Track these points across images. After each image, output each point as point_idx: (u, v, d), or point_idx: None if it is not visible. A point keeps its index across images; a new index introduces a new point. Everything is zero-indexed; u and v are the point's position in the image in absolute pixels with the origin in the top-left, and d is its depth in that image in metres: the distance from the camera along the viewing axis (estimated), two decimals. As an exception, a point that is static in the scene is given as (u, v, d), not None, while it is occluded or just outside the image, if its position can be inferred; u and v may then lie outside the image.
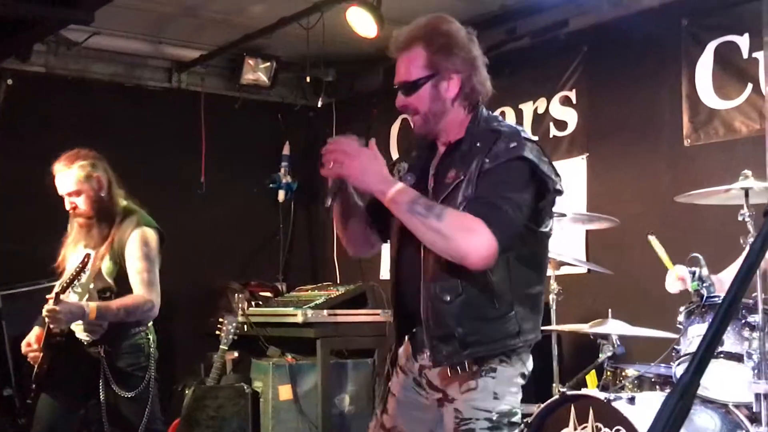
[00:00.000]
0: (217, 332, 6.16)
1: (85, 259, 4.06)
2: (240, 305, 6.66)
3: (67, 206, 4.27)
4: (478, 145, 2.66)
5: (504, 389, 2.65)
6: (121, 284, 4.18)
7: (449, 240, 2.51)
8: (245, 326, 6.38)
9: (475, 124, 2.72)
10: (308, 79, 6.82)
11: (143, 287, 4.14)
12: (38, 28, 5.93)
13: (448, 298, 2.63)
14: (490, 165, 2.60)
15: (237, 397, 6.10)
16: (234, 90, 7.35)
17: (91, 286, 4.21)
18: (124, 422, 4.28)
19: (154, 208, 6.99)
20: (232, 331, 6.12)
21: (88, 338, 4.25)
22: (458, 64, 2.71)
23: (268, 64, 7.19)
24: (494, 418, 2.63)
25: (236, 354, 6.65)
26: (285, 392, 6.28)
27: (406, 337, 2.88)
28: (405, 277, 2.79)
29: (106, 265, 4.19)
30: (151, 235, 4.25)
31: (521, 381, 2.73)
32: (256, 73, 7.18)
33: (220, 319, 6.20)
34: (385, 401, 2.93)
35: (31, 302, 6.15)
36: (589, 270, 5.47)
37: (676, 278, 3.76)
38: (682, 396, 1.10)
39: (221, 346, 6.12)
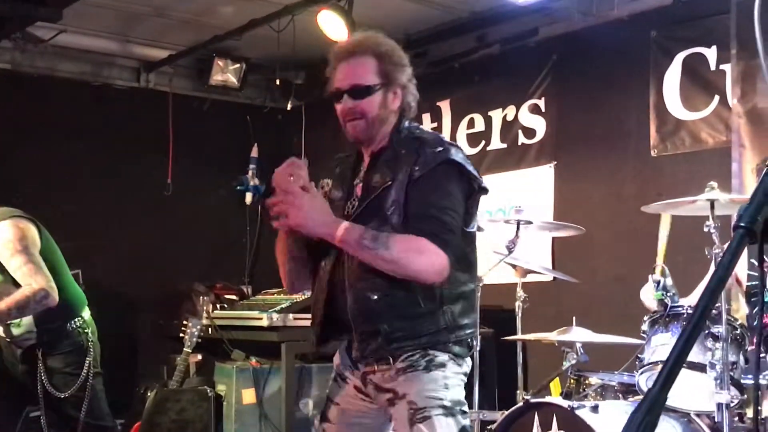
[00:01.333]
0: (181, 335, 6.10)
1: None
2: (205, 308, 6.59)
3: None
4: (403, 152, 2.76)
5: (453, 382, 2.74)
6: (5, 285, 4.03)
7: (403, 266, 2.63)
8: (209, 329, 6.32)
9: (398, 133, 2.81)
10: (278, 82, 6.80)
11: (29, 278, 3.92)
12: (4, 25, 5.86)
13: (375, 297, 2.71)
14: (420, 173, 2.69)
15: (200, 401, 6.04)
16: (202, 91, 7.30)
17: None
18: (68, 422, 4.20)
19: (119, 208, 7.03)
20: (196, 333, 6.05)
21: (22, 347, 4.17)
22: (404, 79, 2.83)
23: (238, 65, 7.15)
24: (447, 405, 2.70)
25: (200, 357, 6.59)
26: (248, 396, 6.24)
27: (342, 346, 2.94)
28: (331, 283, 2.84)
29: None
30: (7, 228, 4.00)
31: (464, 380, 2.82)
32: (225, 74, 7.13)
33: (184, 322, 6.13)
34: (325, 411, 2.97)
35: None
36: (554, 278, 5.50)
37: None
38: (650, 411, 1.09)
39: (185, 349, 6.05)
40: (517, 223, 4.32)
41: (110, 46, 6.91)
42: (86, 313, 4.28)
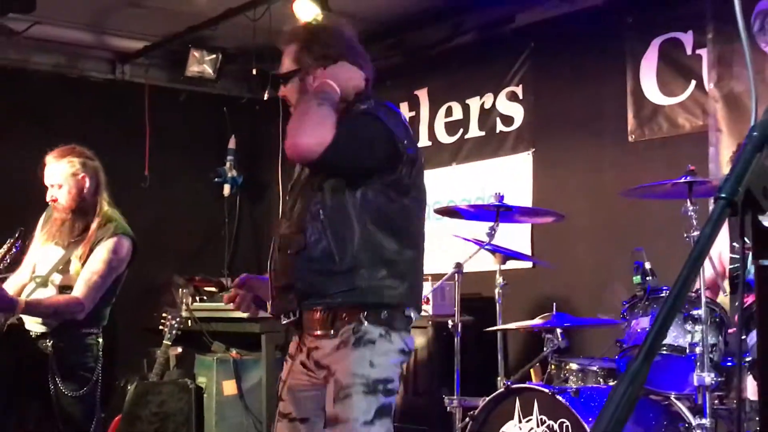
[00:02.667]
0: (161, 327, 6.07)
1: (16, 239, 4.05)
2: (184, 300, 6.57)
3: (48, 197, 4.23)
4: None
5: (381, 360, 2.71)
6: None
7: (304, 118, 2.68)
8: (189, 321, 6.30)
9: (348, 113, 2.80)
10: (254, 72, 6.75)
11: (84, 287, 4.06)
12: (-23, 16, 5.80)
13: (291, 252, 2.75)
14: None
15: (180, 393, 6.00)
16: (179, 82, 7.25)
17: (56, 279, 4.16)
18: (65, 420, 4.19)
19: (96, 201, 6.96)
20: (175, 326, 6.02)
21: (39, 330, 4.17)
22: (319, 58, 2.84)
23: (214, 56, 7.09)
24: (370, 383, 2.69)
25: (180, 349, 6.56)
26: (229, 387, 6.23)
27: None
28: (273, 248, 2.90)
29: (76, 266, 4.13)
30: (125, 244, 4.21)
31: (401, 358, 2.78)
32: (201, 65, 7.08)
33: (164, 314, 6.11)
34: (279, 391, 2.98)
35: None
36: (534, 264, 5.51)
37: None
38: (632, 382, 1.09)
39: (164, 341, 6.01)
40: (497, 210, 4.32)
41: (85, 38, 6.83)
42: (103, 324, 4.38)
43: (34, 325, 4.17)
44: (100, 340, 4.33)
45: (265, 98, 7.30)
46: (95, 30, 6.81)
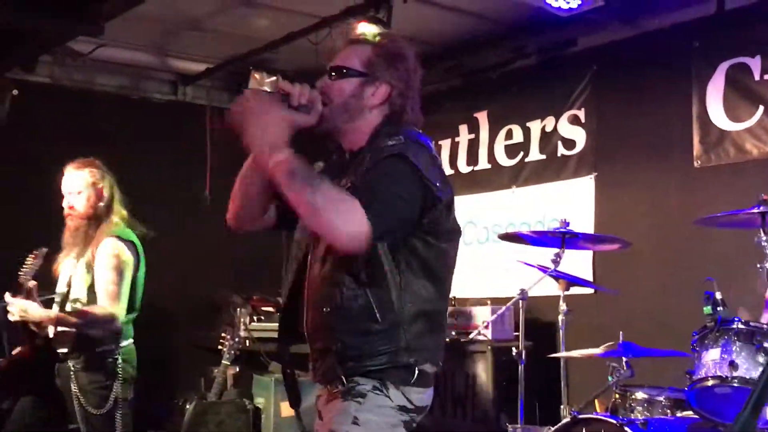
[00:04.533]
0: (219, 347, 6.10)
1: (33, 255, 4.15)
2: (242, 320, 6.60)
3: (65, 204, 4.34)
4: (369, 156, 2.52)
5: (368, 417, 2.43)
6: (92, 294, 4.20)
7: (321, 211, 2.28)
8: (247, 341, 6.32)
9: (377, 136, 2.56)
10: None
11: (108, 299, 4.13)
12: (46, 39, 5.89)
13: (327, 310, 2.47)
14: (370, 164, 2.46)
15: (238, 413, 6.04)
16: (239, 103, 7.30)
17: (67, 292, 4.24)
18: None
19: (158, 220, 7.00)
20: (234, 346, 6.06)
21: (62, 350, 4.25)
22: (394, 78, 2.58)
23: (274, 78, 7.13)
24: None
25: (237, 369, 6.59)
26: (287, 408, 6.22)
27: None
28: (293, 293, 2.65)
29: (82, 275, 4.21)
30: (122, 246, 4.26)
31: (400, 416, 2.48)
32: (261, 87, 7.12)
33: (223, 334, 6.14)
34: None
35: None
36: (595, 290, 5.44)
37: None
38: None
39: (223, 361, 6.05)
40: (563, 236, 4.28)
41: (148, 60, 6.94)
42: (127, 341, 4.31)
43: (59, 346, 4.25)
44: (122, 357, 4.25)
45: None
46: (158, 52, 6.91)
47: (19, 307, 4.13)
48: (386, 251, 2.44)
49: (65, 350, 4.23)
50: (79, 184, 4.33)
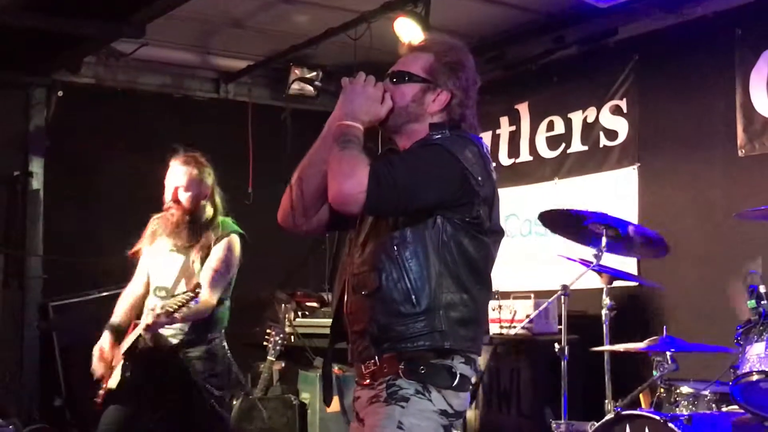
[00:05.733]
0: (265, 343, 6.15)
1: (195, 291, 4.06)
2: (286, 316, 6.64)
3: (168, 197, 4.36)
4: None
5: (412, 422, 2.45)
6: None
7: (333, 165, 2.46)
8: (292, 337, 6.36)
9: (427, 135, 2.62)
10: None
11: (208, 286, 4.18)
12: (90, 43, 5.98)
13: (365, 293, 2.54)
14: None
15: (284, 409, 6.08)
16: (281, 100, 7.34)
17: (183, 288, 4.25)
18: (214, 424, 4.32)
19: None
20: (279, 342, 6.10)
21: (172, 342, 4.28)
22: (455, 87, 2.65)
23: (314, 73, 7.16)
24: None
25: (282, 364, 6.64)
26: (333, 404, 6.24)
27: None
28: (340, 280, 2.72)
29: (197, 268, 4.28)
30: (237, 242, 4.42)
31: (442, 420, 2.50)
32: (301, 82, 7.16)
33: (268, 330, 6.18)
34: None
35: (80, 313, 6.23)
36: (639, 284, 5.39)
37: None
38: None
39: (269, 357, 6.09)
40: (605, 231, 4.24)
41: (190, 58, 7.01)
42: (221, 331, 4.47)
43: (168, 337, 4.27)
44: (224, 343, 4.43)
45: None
46: (200, 50, 6.97)
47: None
48: (432, 239, 2.50)
49: (175, 342, 4.26)
50: (186, 178, 4.37)
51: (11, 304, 6.21)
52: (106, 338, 4.29)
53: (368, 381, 2.57)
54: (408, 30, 5.64)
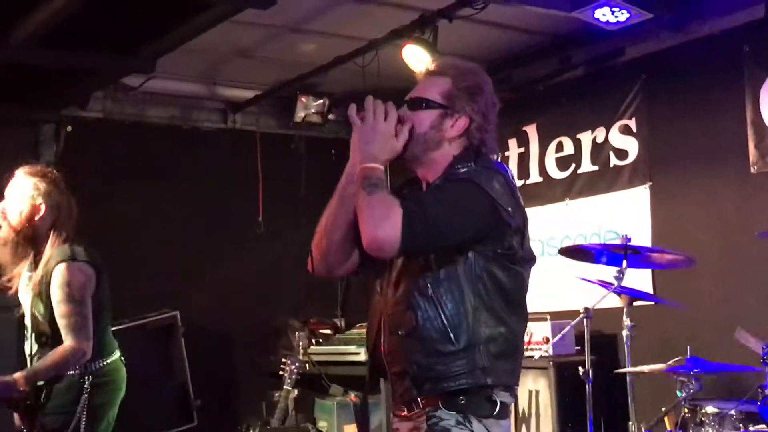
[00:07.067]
0: (281, 372, 6.13)
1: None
2: (300, 343, 6.63)
3: None
4: (442, 179, 2.60)
5: None
6: (55, 325, 3.80)
7: (364, 210, 2.43)
8: (307, 365, 6.34)
9: (454, 168, 2.60)
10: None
11: (71, 333, 3.73)
12: (100, 77, 6.00)
13: (402, 333, 2.51)
14: (436, 183, 2.57)
15: (302, 438, 6.07)
16: (288, 128, 7.36)
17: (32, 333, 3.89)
18: None
19: (213, 248, 7.11)
20: (295, 370, 6.08)
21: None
22: (473, 111, 2.61)
23: (321, 101, 7.19)
24: None
25: (296, 392, 6.62)
26: (351, 431, 6.24)
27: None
28: (372, 319, 2.68)
29: (39, 308, 3.84)
30: (73, 271, 3.78)
31: None
32: (308, 110, 7.19)
33: (283, 359, 6.17)
34: None
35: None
36: (655, 303, 5.38)
37: None
38: None
39: (285, 386, 6.07)
40: (625, 251, 4.24)
41: (197, 90, 7.03)
42: (106, 360, 3.94)
43: None
44: (85, 381, 3.83)
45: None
46: (207, 81, 7.00)
47: None
48: (465, 274, 2.48)
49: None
50: (16, 192, 3.88)
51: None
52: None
53: (406, 413, 2.56)
54: (416, 56, 5.66)
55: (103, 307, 3.93)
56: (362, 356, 5.98)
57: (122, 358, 4.05)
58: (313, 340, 6.86)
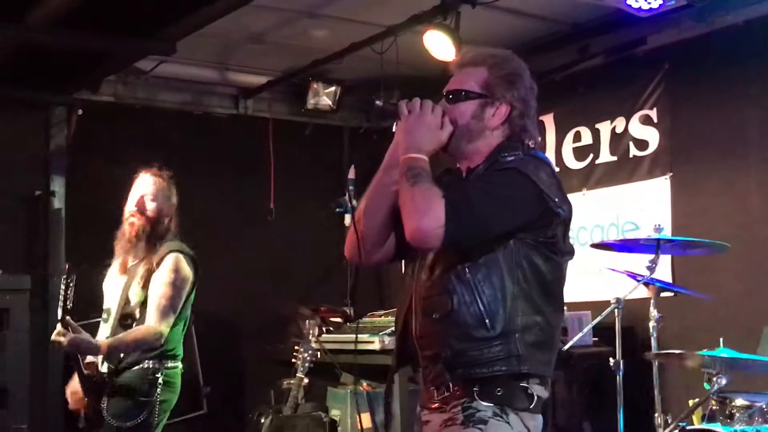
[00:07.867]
0: (293, 360, 6.07)
1: (69, 279, 3.96)
2: (311, 331, 6.57)
3: (132, 206, 4.22)
4: (486, 167, 2.57)
5: None
6: (143, 310, 4.06)
7: (408, 202, 2.42)
8: (318, 353, 6.29)
9: (496, 154, 2.57)
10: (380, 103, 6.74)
11: (157, 315, 4.00)
12: (117, 60, 5.92)
13: (436, 316, 2.49)
14: (481, 171, 2.54)
15: (316, 427, 6.01)
16: (300, 115, 7.29)
17: (118, 307, 4.10)
18: None
19: (225, 235, 7.05)
20: (308, 358, 6.02)
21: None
22: (513, 98, 2.60)
23: (333, 88, 7.13)
24: None
25: (306, 381, 6.56)
26: (365, 421, 6.19)
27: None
28: (403, 302, 2.65)
29: (136, 291, 4.10)
30: (183, 262, 4.15)
31: None
32: (320, 97, 7.13)
33: (296, 347, 6.11)
34: None
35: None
36: (675, 293, 5.34)
37: None
38: None
39: (298, 374, 6.00)
40: (657, 243, 4.19)
41: (209, 75, 6.97)
42: (173, 363, 4.16)
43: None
44: (159, 377, 4.07)
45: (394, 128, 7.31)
46: (219, 67, 6.93)
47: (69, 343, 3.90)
48: (505, 260, 2.45)
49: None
50: (153, 188, 4.26)
51: (35, 323, 6.11)
52: (75, 380, 4.14)
53: (438, 404, 2.52)
54: (438, 43, 5.59)
55: (186, 310, 4.19)
56: (377, 345, 5.92)
57: None
58: (324, 328, 6.80)
